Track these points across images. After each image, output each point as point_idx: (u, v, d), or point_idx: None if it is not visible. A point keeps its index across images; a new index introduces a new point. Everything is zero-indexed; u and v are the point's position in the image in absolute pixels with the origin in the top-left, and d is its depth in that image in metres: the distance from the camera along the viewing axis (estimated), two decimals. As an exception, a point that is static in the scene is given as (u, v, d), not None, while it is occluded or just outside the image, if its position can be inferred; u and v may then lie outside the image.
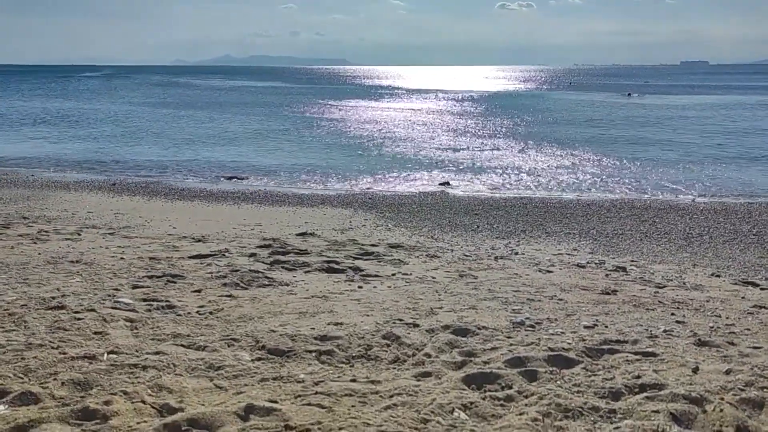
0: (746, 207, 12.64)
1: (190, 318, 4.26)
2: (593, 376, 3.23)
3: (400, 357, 3.57)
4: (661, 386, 3.05)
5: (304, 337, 3.78)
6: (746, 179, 16.47)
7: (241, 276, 5.62)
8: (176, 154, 21.49)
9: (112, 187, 14.58)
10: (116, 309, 4.36)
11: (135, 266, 6.02)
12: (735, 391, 3.00)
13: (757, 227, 10.57)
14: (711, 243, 9.47)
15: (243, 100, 53.06)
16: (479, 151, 22.17)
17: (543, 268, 7.08)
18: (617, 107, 44.70)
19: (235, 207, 12.21)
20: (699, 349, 3.81)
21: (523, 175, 17.37)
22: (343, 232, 9.55)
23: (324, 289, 5.31)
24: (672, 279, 6.79)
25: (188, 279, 5.53)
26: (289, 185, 15.77)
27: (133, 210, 11.29)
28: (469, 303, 5.01)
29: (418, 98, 59.66)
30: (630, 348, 3.77)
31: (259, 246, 7.45)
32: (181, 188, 14.68)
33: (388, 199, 13.60)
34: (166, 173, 17.54)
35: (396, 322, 4.28)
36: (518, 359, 3.47)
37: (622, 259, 8.17)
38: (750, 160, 20.01)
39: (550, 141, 24.66)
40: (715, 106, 44.12)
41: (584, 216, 11.57)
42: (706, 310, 5.14)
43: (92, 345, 3.55)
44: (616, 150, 22.14)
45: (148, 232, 8.83)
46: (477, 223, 10.89)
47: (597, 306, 5.05)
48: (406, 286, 5.63)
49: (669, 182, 16.11)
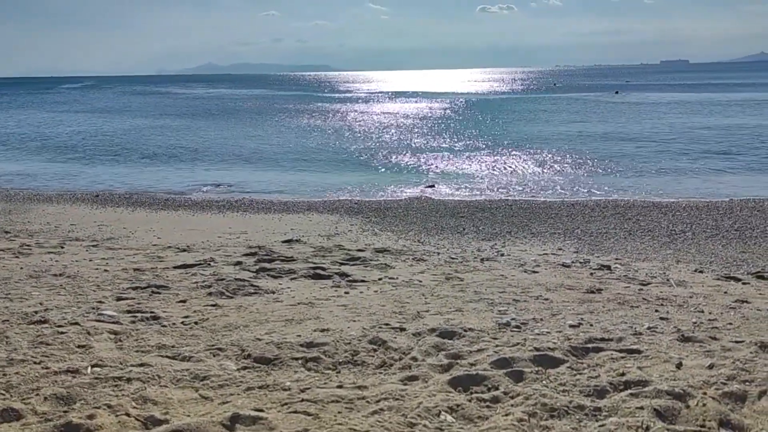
0: (728, 203, 12.81)
1: (175, 328, 4.23)
2: (578, 375, 3.25)
3: (386, 361, 3.57)
4: (645, 383, 3.08)
5: (290, 344, 3.77)
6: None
7: (226, 285, 5.59)
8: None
9: (96, 198, 14.45)
10: (100, 322, 4.32)
11: (119, 278, 5.97)
12: (717, 385, 3.03)
13: (738, 222, 10.71)
14: (694, 239, 9.58)
15: (225, 107, 52.88)
16: (464, 154, 22.26)
17: (528, 268, 7.11)
18: (608, 104, 45.18)
19: (221, 215, 12.16)
20: (682, 345, 3.85)
21: (508, 177, 17.47)
22: (329, 237, 9.54)
23: (310, 296, 5.29)
24: (656, 276, 6.85)
25: (173, 289, 5.49)
26: (275, 192, 15.72)
27: (116, 221, 11.20)
28: (455, 305, 5.02)
29: (401, 102, 59.81)
30: (615, 346, 3.80)
31: (245, 254, 7.42)
32: (165, 198, 14.58)
33: (374, 203, 13.61)
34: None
35: (383, 326, 4.28)
36: (504, 360, 3.48)
37: (607, 257, 8.23)
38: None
39: (537, 142, 24.83)
40: (692, 103, 44.74)
41: (569, 216, 11.65)
42: (690, 305, 5.19)
43: (75, 359, 3.51)
44: (601, 147, 22.34)
45: (132, 243, 8.77)
46: (463, 226, 10.93)
47: (582, 305, 5.09)
48: (392, 291, 5.64)
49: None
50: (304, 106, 55.60)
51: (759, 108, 39.72)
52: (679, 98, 52.51)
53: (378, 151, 23.68)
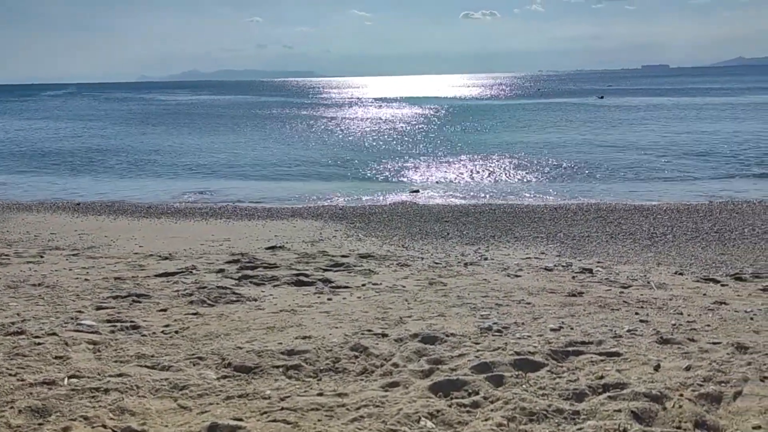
0: (707, 206, 12.97)
1: (155, 338, 4.19)
2: (558, 379, 3.27)
3: (368, 368, 3.56)
4: (623, 385, 3.10)
5: (271, 352, 3.75)
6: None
7: (208, 293, 5.55)
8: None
9: (77, 207, 14.30)
10: (79, 332, 4.27)
11: (99, 287, 5.90)
12: (694, 386, 3.06)
13: (717, 225, 10.85)
14: (674, 242, 9.69)
15: (209, 114, 52.61)
16: (449, 160, 22.34)
17: (511, 272, 7.15)
18: (592, 109, 45.63)
19: (204, 223, 12.08)
20: (661, 347, 3.88)
21: (492, 182, 17.56)
22: (313, 244, 9.51)
23: (293, 303, 5.27)
24: (637, 279, 6.92)
25: (154, 298, 5.44)
26: (259, 199, 15.66)
27: (98, 230, 11.08)
28: (438, 310, 5.03)
29: (386, 108, 59.94)
30: (594, 349, 3.83)
31: (228, 261, 7.38)
32: (148, 206, 14.46)
33: (358, 209, 13.61)
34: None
35: (365, 333, 4.27)
36: (485, 365, 3.49)
37: (589, 260, 8.29)
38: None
39: (521, 147, 24.99)
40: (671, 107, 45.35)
41: (551, 220, 11.73)
42: (669, 308, 5.24)
43: (52, 370, 3.47)
44: (584, 152, 22.54)
45: (114, 251, 8.68)
46: (447, 231, 10.96)
47: (563, 308, 5.12)
48: (376, 296, 5.63)
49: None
50: (289, 112, 55.54)
51: (734, 111, 40.38)
52: (660, 102, 53.27)
53: (363, 157, 23.70)
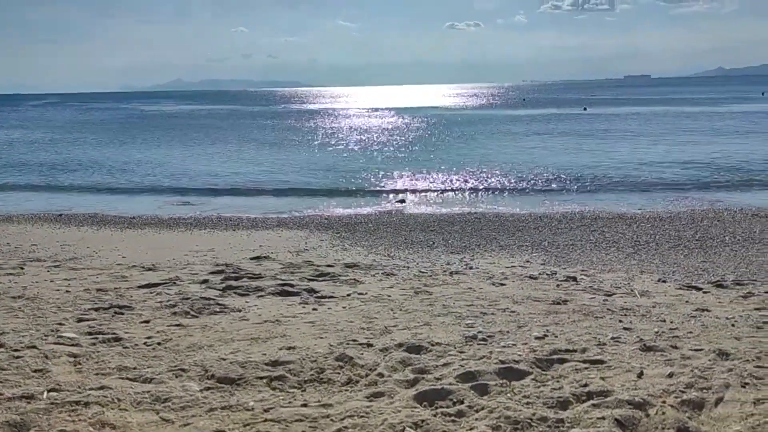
0: (689, 214, 13.13)
1: (137, 350, 4.14)
2: (542, 387, 3.28)
3: (352, 378, 3.55)
4: (607, 393, 3.12)
5: (255, 363, 3.73)
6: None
7: (191, 304, 5.51)
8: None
9: (59, 217, 14.13)
10: (59, 344, 4.21)
11: (81, 299, 5.83)
12: (676, 393, 3.09)
13: (700, 232, 10.97)
14: (657, 250, 9.77)
15: (194, 124, 52.43)
16: (435, 169, 22.38)
17: (496, 281, 7.17)
18: (577, 120, 46.16)
19: (188, 233, 11.98)
20: (644, 354, 3.91)
21: (478, 191, 17.64)
22: (298, 253, 9.47)
23: (277, 313, 5.24)
24: (620, 286, 6.96)
25: (137, 309, 5.39)
26: (243, 208, 15.58)
27: (80, 240, 10.95)
28: (423, 320, 5.03)
29: (372, 118, 60.11)
30: (579, 356, 3.85)
31: (212, 272, 7.32)
32: (131, 216, 14.32)
33: (344, 218, 13.59)
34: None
35: (350, 342, 4.26)
36: (470, 374, 3.49)
37: (573, 269, 8.34)
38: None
39: (507, 157, 25.16)
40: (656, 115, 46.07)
41: (536, 228, 11.79)
42: (652, 315, 5.29)
43: (31, 384, 3.41)
44: (569, 162, 22.75)
45: (96, 262, 8.58)
46: (433, 239, 10.97)
47: (548, 316, 5.14)
48: (361, 306, 5.62)
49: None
50: (274, 122, 55.50)
51: (711, 120, 41.06)
52: (642, 112, 54.07)
53: (349, 166, 23.71)
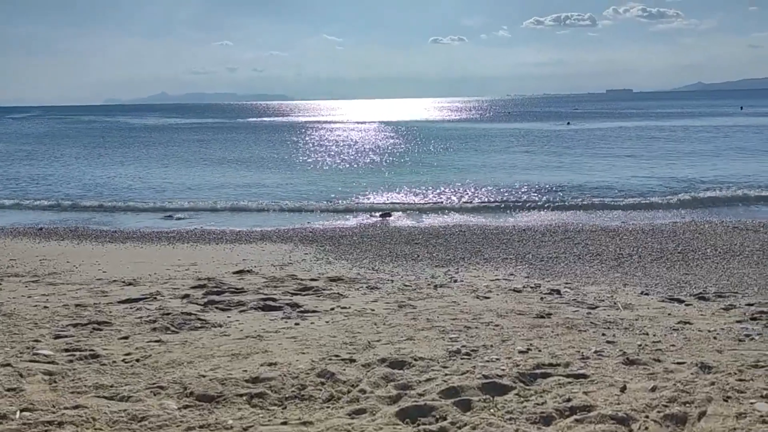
0: (671, 226, 13.25)
1: (115, 367, 4.06)
2: (525, 402, 3.26)
3: (334, 395, 3.50)
4: (590, 408, 3.10)
5: (235, 380, 3.66)
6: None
7: (172, 319, 5.42)
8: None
9: (39, 232, 13.92)
10: (34, 362, 4.11)
11: (59, 315, 5.72)
12: (659, 408, 3.08)
13: (682, 245, 11.07)
14: (640, 262, 9.83)
15: (177, 137, 52.17)
16: (420, 182, 22.43)
17: (481, 294, 7.16)
18: (561, 135, 46.63)
19: (170, 247, 11.85)
20: (627, 368, 3.91)
21: (463, 204, 17.68)
22: (282, 267, 9.40)
23: (259, 329, 5.18)
24: (604, 299, 6.99)
25: (116, 325, 5.29)
26: (227, 222, 15.47)
27: (60, 255, 10.78)
28: (407, 334, 5.00)
29: (357, 131, 60.24)
30: (562, 371, 3.83)
31: (193, 287, 7.23)
32: (113, 230, 14.15)
33: (328, 232, 13.53)
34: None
35: (332, 358, 4.21)
36: (453, 389, 3.46)
37: (557, 281, 8.36)
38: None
39: (491, 171, 25.30)
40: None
41: (520, 241, 11.83)
42: (635, 328, 5.30)
43: (4, 403, 3.32)
44: (552, 176, 22.93)
45: (76, 277, 8.45)
46: (417, 252, 10.95)
47: (532, 330, 5.13)
48: (344, 320, 5.57)
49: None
50: (259, 135, 55.41)
51: (688, 132, 41.71)
52: (624, 126, 54.87)
53: (334, 179, 23.69)
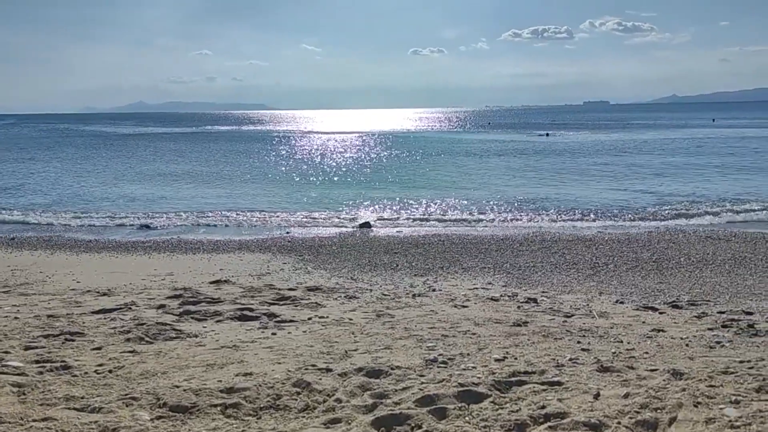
0: (647, 235, 13.45)
1: (87, 378, 3.99)
2: (500, 410, 3.27)
3: (310, 405, 3.48)
4: (564, 415, 3.13)
5: (210, 390, 3.62)
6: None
7: (146, 329, 5.36)
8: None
9: (11, 241, 13.65)
10: (3, 374, 4.03)
11: (30, 326, 5.61)
12: (631, 414, 3.11)
13: (656, 254, 11.24)
14: (616, 271, 9.96)
15: (154, 146, 51.72)
16: (400, 191, 22.51)
17: (459, 303, 7.19)
18: (538, 145, 47.15)
19: (146, 257, 11.71)
20: (601, 375, 3.95)
21: (442, 213, 17.76)
22: (260, 277, 9.34)
23: (235, 339, 5.14)
24: (579, 308, 7.06)
25: (89, 336, 5.21)
26: (204, 232, 15.34)
27: (33, 265, 10.58)
28: (384, 343, 4.99)
29: (336, 141, 60.26)
30: (537, 378, 3.86)
31: (169, 296, 7.15)
32: (88, 240, 13.94)
33: (307, 241, 13.48)
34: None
35: (308, 368, 4.19)
36: (429, 397, 3.47)
37: (534, 290, 8.43)
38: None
39: (470, 180, 25.47)
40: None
41: (498, 250, 11.91)
42: (610, 336, 5.36)
43: (-30, 416, 3.24)
44: (529, 185, 23.17)
45: (49, 288, 8.30)
46: (396, 262, 10.96)
47: (508, 338, 5.17)
48: (321, 330, 5.55)
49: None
50: (237, 145, 55.14)
51: (661, 144, 42.51)
52: (600, 137, 55.75)
53: (313, 189, 23.65)
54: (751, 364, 4.06)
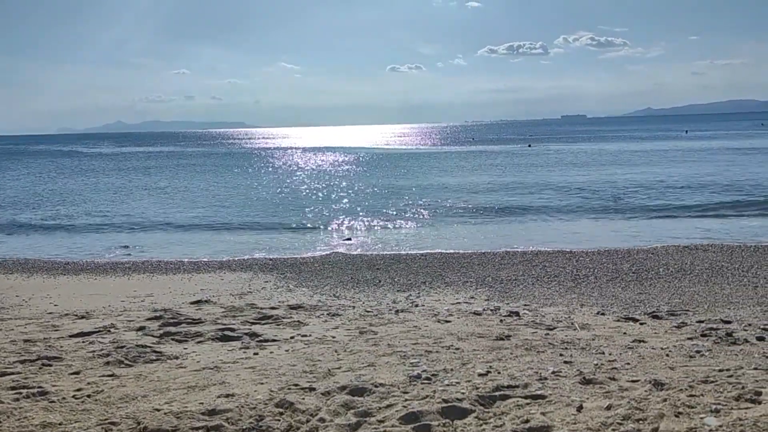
0: (626, 247, 13.61)
1: (65, 403, 3.91)
2: (484, 425, 3.28)
3: (293, 425, 3.45)
4: (547, 428, 3.14)
5: (191, 413, 3.58)
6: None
7: (126, 352, 5.28)
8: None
9: (-15, 265, 13.38)
10: (-23, 402, 3.93)
11: (6, 351, 5.50)
12: (614, 426, 3.14)
13: (636, 266, 11.37)
14: (596, 283, 10.05)
15: (133, 166, 51.29)
16: (381, 207, 22.54)
17: (442, 318, 7.19)
18: (523, 155, 47.65)
19: (125, 278, 11.55)
20: (584, 388, 3.97)
21: (425, 229, 17.81)
22: (241, 296, 9.26)
23: (217, 359, 5.08)
24: (561, 320, 7.10)
25: (66, 360, 5.12)
26: (184, 252, 15.19)
27: (9, 289, 10.38)
28: (368, 360, 4.98)
29: (316, 158, 60.29)
30: (521, 392, 3.87)
31: (149, 318, 7.06)
32: (65, 262, 13.72)
33: (289, 259, 13.41)
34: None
35: (291, 387, 4.16)
36: (413, 414, 3.46)
37: (516, 303, 8.47)
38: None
39: (454, 194, 25.62)
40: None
41: (480, 264, 11.95)
42: (592, 348, 5.40)
43: (-57, 446, 3.16)
44: (514, 197, 23.37)
45: (25, 311, 8.15)
46: (379, 278, 10.94)
47: (492, 352, 5.17)
48: (304, 349, 5.52)
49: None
50: (217, 162, 54.92)
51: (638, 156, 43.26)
52: (580, 148, 56.65)
53: (294, 207, 23.57)
54: (730, 373, 4.12)
